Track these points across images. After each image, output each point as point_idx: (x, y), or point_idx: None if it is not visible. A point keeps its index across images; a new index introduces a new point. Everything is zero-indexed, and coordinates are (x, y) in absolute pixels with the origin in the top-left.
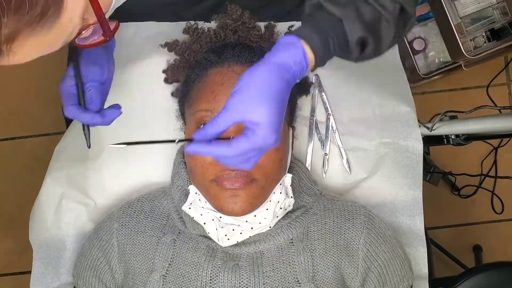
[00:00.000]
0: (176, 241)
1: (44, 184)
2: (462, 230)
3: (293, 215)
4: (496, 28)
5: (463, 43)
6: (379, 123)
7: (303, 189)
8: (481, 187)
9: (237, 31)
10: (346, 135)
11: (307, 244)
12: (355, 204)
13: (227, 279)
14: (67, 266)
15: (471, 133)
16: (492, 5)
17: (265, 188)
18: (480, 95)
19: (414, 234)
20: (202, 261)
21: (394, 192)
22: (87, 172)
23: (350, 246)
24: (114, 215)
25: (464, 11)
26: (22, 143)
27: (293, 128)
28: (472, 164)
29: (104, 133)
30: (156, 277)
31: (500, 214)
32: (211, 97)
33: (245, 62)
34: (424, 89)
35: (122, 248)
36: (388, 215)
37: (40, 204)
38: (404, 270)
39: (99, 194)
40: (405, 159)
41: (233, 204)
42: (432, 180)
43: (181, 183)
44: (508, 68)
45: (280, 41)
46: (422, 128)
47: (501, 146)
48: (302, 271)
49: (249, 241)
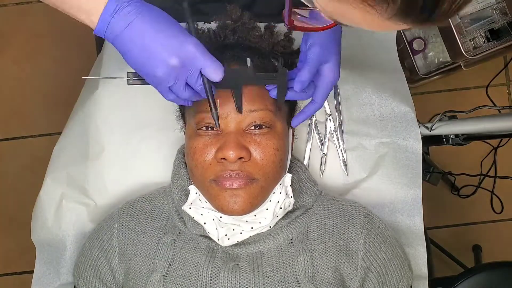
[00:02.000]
0: (177, 241)
1: (44, 184)
2: (461, 230)
3: (292, 215)
4: (496, 28)
5: (463, 43)
6: (378, 123)
7: (303, 189)
8: (480, 187)
9: (237, 31)
10: (346, 135)
11: (307, 244)
12: (354, 204)
13: (227, 279)
14: (67, 266)
15: (470, 133)
16: (492, 5)
17: (265, 188)
18: (479, 95)
19: (413, 234)
20: (202, 261)
21: (393, 192)
22: (87, 172)
23: (349, 246)
24: (115, 215)
25: (464, 11)
26: (22, 143)
27: (293, 128)
28: (471, 164)
29: (104, 133)
30: (157, 277)
31: (500, 214)
32: None
33: (245, 63)
34: (424, 89)
35: (123, 248)
36: (388, 215)
37: (41, 204)
38: (404, 270)
39: (99, 194)
40: (405, 159)
41: (233, 204)
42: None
43: (181, 183)
44: (507, 68)
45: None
46: (421, 128)
47: (500, 146)
48: (301, 271)
49: (249, 241)
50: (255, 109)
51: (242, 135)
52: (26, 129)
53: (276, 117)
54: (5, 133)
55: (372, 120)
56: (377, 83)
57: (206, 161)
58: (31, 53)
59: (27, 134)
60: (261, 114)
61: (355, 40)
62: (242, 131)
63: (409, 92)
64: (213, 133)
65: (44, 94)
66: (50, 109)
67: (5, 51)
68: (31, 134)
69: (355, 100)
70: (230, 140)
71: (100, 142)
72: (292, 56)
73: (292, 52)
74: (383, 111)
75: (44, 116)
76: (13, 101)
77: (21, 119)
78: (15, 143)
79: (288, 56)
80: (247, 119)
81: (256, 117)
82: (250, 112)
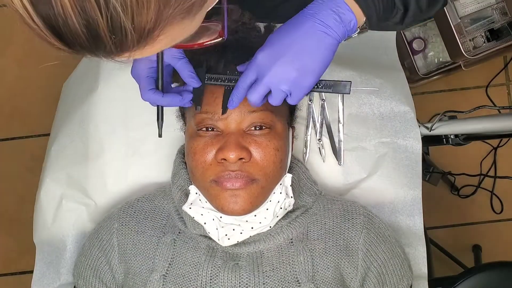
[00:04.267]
0: (176, 241)
1: (44, 184)
2: (461, 230)
3: (293, 215)
4: (496, 28)
5: (463, 43)
6: (378, 123)
7: (303, 189)
8: (480, 187)
9: (237, 31)
10: (345, 135)
11: (307, 244)
12: (354, 204)
13: (227, 278)
14: (67, 266)
15: (470, 133)
16: (492, 5)
17: (266, 188)
18: (479, 95)
19: (413, 233)
20: (202, 261)
21: (393, 192)
22: (87, 172)
23: (349, 246)
24: (114, 215)
25: (464, 11)
26: (22, 143)
27: (293, 128)
28: (471, 164)
29: (104, 133)
30: (156, 277)
31: (500, 214)
32: (212, 99)
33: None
34: (424, 89)
35: (122, 248)
36: (388, 215)
37: (40, 205)
38: (404, 269)
39: (99, 194)
40: (405, 159)
41: (233, 204)
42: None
43: (181, 183)
44: (507, 68)
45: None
46: (421, 128)
47: (500, 146)
48: (301, 271)
49: (249, 241)
50: (255, 110)
51: (243, 135)
52: (26, 129)
53: (276, 117)
54: (5, 133)
55: (371, 120)
56: (377, 82)
57: (207, 162)
58: (32, 53)
59: (27, 134)
60: (261, 114)
61: (355, 39)
62: (242, 131)
63: (409, 92)
64: (214, 133)
65: (45, 94)
66: (51, 109)
67: (7, 50)
68: (31, 134)
69: (355, 100)
70: (231, 140)
71: (100, 142)
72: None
73: None
74: (382, 110)
75: (45, 116)
76: (14, 101)
77: (21, 119)
78: (15, 143)
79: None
80: (247, 120)
81: (256, 118)
82: (250, 112)
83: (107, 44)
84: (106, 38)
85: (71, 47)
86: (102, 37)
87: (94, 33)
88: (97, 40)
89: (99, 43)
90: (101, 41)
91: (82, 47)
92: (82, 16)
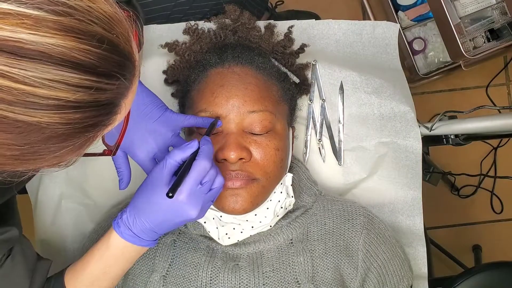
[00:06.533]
0: (176, 241)
1: (42, 184)
2: (461, 230)
3: (292, 215)
4: (496, 28)
5: (463, 43)
6: (378, 123)
7: (303, 189)
8: (480, 187)
9: (237, 31)
10: (345, 135)
11: (307, 245)
12: (354, 205)
13: (227, 279)
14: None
15: (470, 133)
16: (492, 5)
17: (266, 188)
18: (479, 95)
19: (413, 234)
20: (202, 262)
21: (393, 192)
22: (87, 172)
23: (349, 246)
24: (114, 215)
25: (464, 11)
26: None
27: (293, 128)
28: (471, 164)
29: None
30: (157, 278)
31: (500, 214)
32: (211, 98)
33: (245, 63)
34: (424, 89)
35: None
36: (388, 215)
37: (40, 205)
38: (404, 270)
39: (99, 194)
40: (405, 159)
41: (234, 203)
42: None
43: None
44: (507, 68)
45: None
46: (421, 128)
47: (500, 146)
48: (301, 272)
49: (249, 241)
50: (255, 110)
51: (243, 135)
52: None
53: (276, 117)
54: None
55: (371, 120)
56: (377, 82)
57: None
58: None
59: None
60: (261, 114)
61: (355, 39)
62: (242, 131)
63: (409, 92)
64: (214, 133)
65: None
66: None
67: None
68: None
69: (355, 100)
70: (231, 141)
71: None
72: (292, 56)
73: (292, 52)
74: (383, 111)
75: None
76: None
77: None
78: None
79: (288, 56)
80: (247, 120)
81: (256, 118)
82: (250, 112)
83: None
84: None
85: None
86: None
87: None
88: None
89: None
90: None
91: None
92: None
